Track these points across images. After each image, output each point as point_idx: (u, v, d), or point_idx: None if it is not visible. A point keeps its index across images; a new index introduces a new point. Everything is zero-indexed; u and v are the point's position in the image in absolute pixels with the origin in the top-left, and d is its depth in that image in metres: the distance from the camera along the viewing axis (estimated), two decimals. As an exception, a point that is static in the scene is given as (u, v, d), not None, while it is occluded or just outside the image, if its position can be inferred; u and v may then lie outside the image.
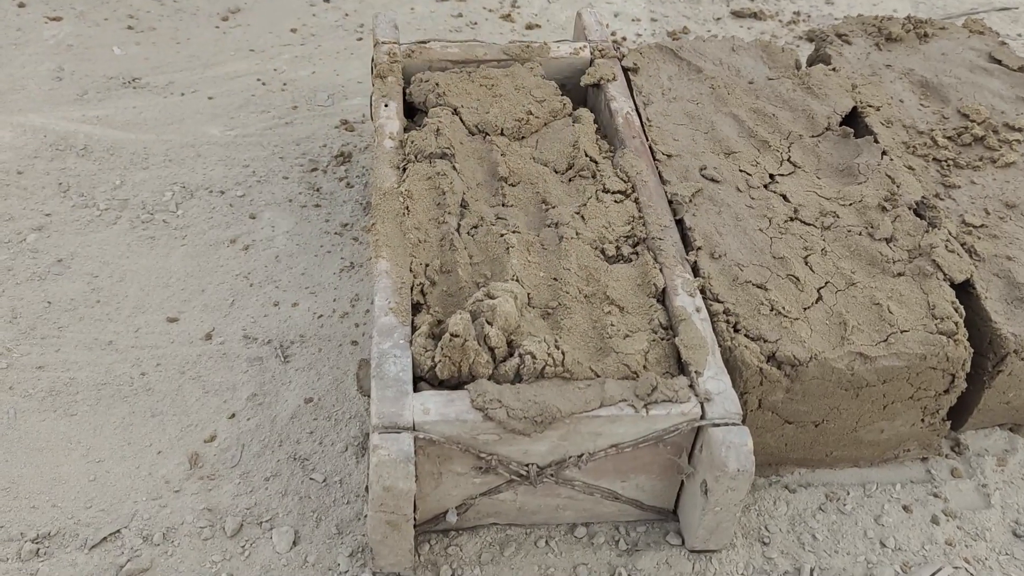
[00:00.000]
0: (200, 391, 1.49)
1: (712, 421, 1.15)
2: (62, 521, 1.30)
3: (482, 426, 1.12)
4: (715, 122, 1.66)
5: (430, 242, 1.39)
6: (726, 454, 1.13)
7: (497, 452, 1.15)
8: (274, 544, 1.29)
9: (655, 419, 1.15)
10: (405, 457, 1.08)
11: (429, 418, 1.12)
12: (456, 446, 1.13)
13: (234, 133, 2.00)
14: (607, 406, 1.14)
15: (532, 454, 1.16)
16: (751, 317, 1.31)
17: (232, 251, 1.73)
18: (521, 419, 1.12)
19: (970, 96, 1.75)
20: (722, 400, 1.17)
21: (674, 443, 1.18)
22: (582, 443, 1.16)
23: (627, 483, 1.23)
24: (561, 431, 1.14)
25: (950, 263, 1.40)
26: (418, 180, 1.48)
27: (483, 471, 1.17)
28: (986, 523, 1.36)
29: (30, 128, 1.98)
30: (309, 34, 2.33)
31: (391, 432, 1.10)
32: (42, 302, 1.62)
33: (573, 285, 1.32)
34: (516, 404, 1.12)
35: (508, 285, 1.26)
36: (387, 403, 1.13)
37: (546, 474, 1.18)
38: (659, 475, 1.23)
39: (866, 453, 1.41)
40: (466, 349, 1.16)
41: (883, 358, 1.29)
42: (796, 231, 1.46)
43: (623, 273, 1.35)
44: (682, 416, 1.15)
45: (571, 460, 1.17)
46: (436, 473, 1.17)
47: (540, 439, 1.14)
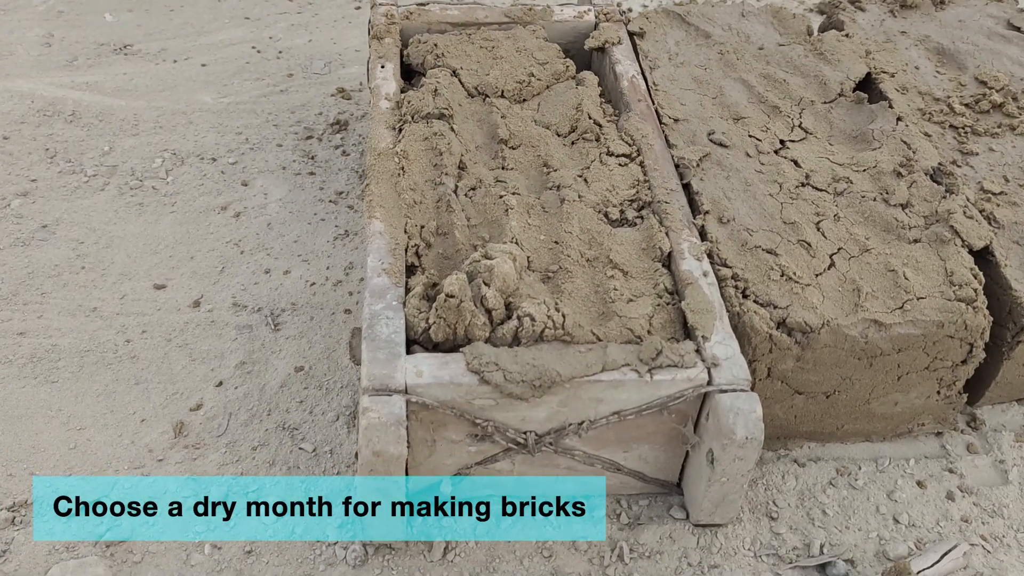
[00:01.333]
0: (187, 359, 1.43)
1: (719, 387, 1.10)
2: (39, 490, 1.25)
3: (478, 390, 1.07)
4: (724, 87, 1.60)
5: (426, 203, 1.34)
6: (734, 421, 1.07)
7: (494, 418, 1.10)
8: (260, 515, 1.23)
9: (659, 384, 1.09)
10: (396, 420, 1.03)
11: (422, 381, 1.06)
12: (450, 411, 1.07)
13: (227, 100, 1.95)
14: (609, 371, 1.08)
15: (530, 421, 1.11)
16: (760, 282, 1.25)
17: (223, 218, 1.68)
18: (519, 383, 1.06)
19: (988, 63, 1.69)
20: (730, 365, 1.11)
21: (679, 410, 1.13)
22: (583, 410, 1.11)
23: (630, 453, 1.18)
24: (561, 396, 1.08)
25: (968, 229, 1.35)
26: (414, 141, 1.43)
27: (479, 439, 1.12)
28: (1004, 500, 1.30)
29: (17, 94, 1.92)
30: (306, 2, 2.27)
31: (382, 395, 1.05)
32: (25, 268, 1.56)
33: (575, 248, 1.26)
34: (514, 367, 1.07)
35: (507, 247, 1.20)
36: (378, 365, 1.08)
37: (545, 442, 1.12)
38: (663, 445, 1.17)
39: (879, 427, 1.35)
40: (462, 310, 1.10)
41: (898, 325, 1.23)
42: (808, 196, 1.40)
43: (627, 237, 1.30)
44: (688, 382, 1.10)
45: (571, 428, 1.11)
46: (429, 440, 1.11)
47: (538, 405, 1.09)
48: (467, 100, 1.55)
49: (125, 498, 1.24)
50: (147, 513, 1.23)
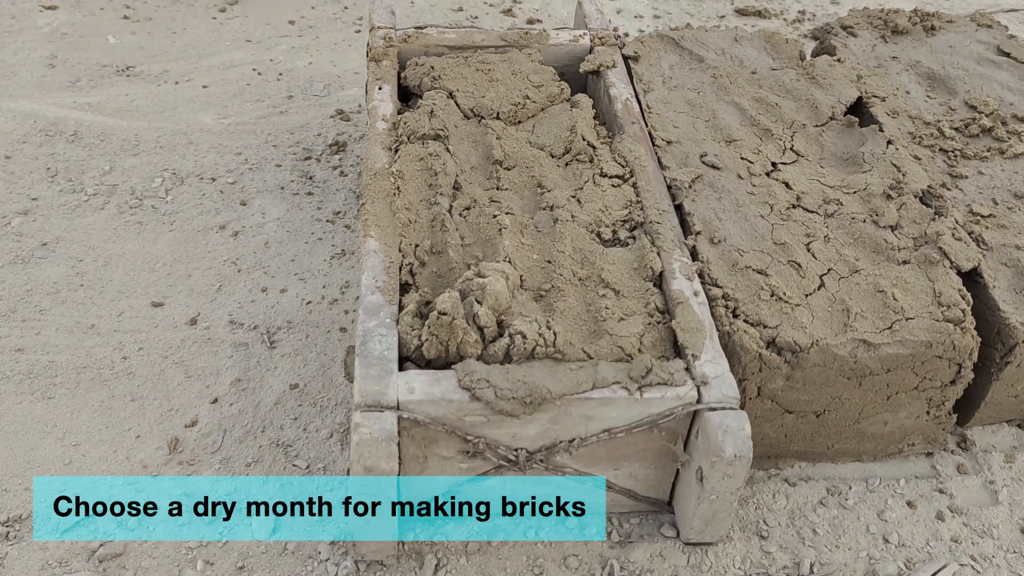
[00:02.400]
0: (183, 376, 1.44)
1: (709, 405, 1.11)
2: (35, 504, 1.26)
3: (469, 407, 1.08)
4: (716, 110, 1.62)
5: (421, 223, 1.35)
6: (723, 439, 1.08)
7: (485, 435, 1.11)
8: (253, 531, 1.24)
9: (649, 402, 1.10)
10: (387, 436, 1.04)
11: (414, 397, 1.07)
12: (442, 427, 1.08)
13: (227, 121, 1.97)
14: (599, 388, 1.09)
15: (521, 438, 1.12)
16: (751, 302, 1.26)
17: (221, 237, 1.69)
18: (509, 399, 1.07)
19: (978, 88, 1.71)
20: (719, 384, 1.12)
21: (669, 428, 1.13)
22: (573, 427, 1.12)
23: (620, 471, 1.19)
24: (551, 413, 1.09)
25: (957, 251, 1.36)
26: (410, 161, 1.44)
27: (470, 455, 1.12)
28: (993, 520, 1.31)
29: (20, 113, 1.95)
30: (307, 26, 2.30)
31: (374, 411, 1.06)
32: (24, 285, 1.58)
33: (567, 268, 1.27)
34: (505, 384, 1.08)
35: (499, 265, 1.21)
36: (371, 381, 1.09)
37: (536, 459, 1.13)
38: (654, 463, 1.18)
39: (869, 447, 1.36)
40: (454, 328, 1.12)
41: (887, 345, 1.24)
42: (798, 218, 1.42)
43: (619, 257, 1.31)
44: (677, 400, 1.11)
45: (562, 445, 1.12)
46: (421, 457, 1.12)
47: (529, 422, 1.09)
48: (463, 121, 1.57)
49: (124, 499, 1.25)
50: (141, 528, 1.24)
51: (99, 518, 1.25)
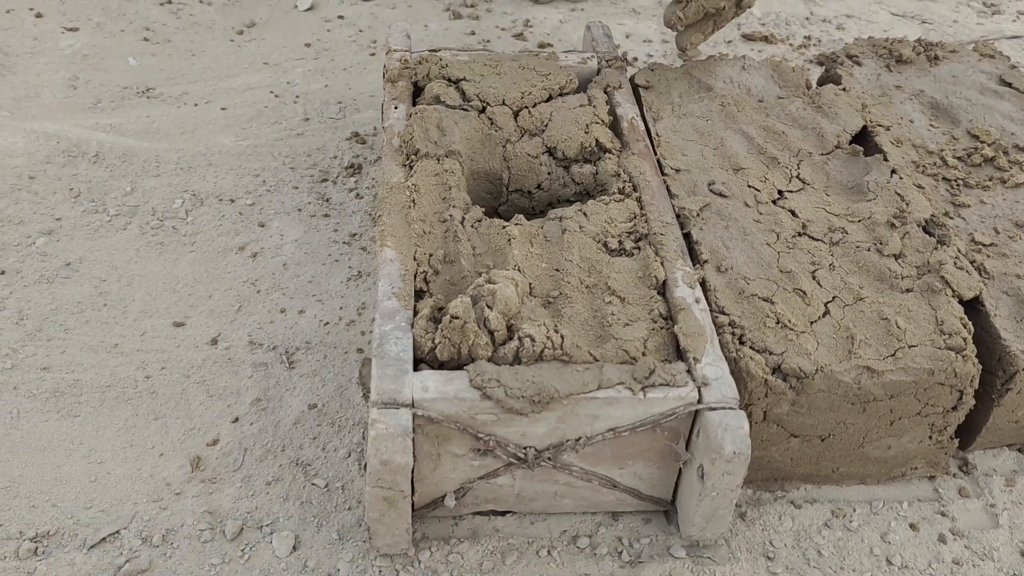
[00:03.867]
0: (204, 395, 1.48)
1: (709, 405, 1.16)
2: (61, 521, 1.30)
3: (480, 405, 1.13)
4: (724, 138, 1.66)
5: (434, 234, 1.41)
6: (722, 437, 1.13)
7: (495, 433, 1.15)
8: (274, 548, 1.28)
9: (652, 402, 1.15)
10: (403, 431, 1.09)
11: (428, 395, 1.13)
12: (454, 425, 1.13)
13: (246, 143, 2.01)
14: (605, 388, 1.14)
15: (530, 436, 1.17)
16: (757, 329, 1.30)
17: (240, 258, 1.73)
18: (519, 398, 1.12)
19: (980, 118, 1.75)
20: (719, 385, 1.18)
21: (671, 428, 1.18)
22: (580, 426, 1.17)
23: (625, 470, 1.23)
24: (559, 412, 1.14)
25: (959, 280, 1.40)
26: (425, 176, 1.50)
27: (481, 453, 1.17)
28: (994, 543, 1.34)
29: (43, 134, 1.99)
30: (323, 49, 2.34)
31: (390, 408, 1.11)
32: (49, 304, 1.62)
33: (575, 276, 1.33)
34: (514, 384, 1.13)
35: (509, 272, 1.27)
36: (387, 380, 1.14)
37: (544, 457, 1.18)
38: (657, 463, 1.23)
39: (873, 470, 1.40)
40: (466, 331, 1.17)
41: (890, 372, 1.28)
42: (804, 246, 1.45)
43: (624, 266, 1.37)
44: (679, 400, 1.16)
45: (569, 443, 1.17)
46: (435, 454, 1.17)
47: (538, 420, 1.14)
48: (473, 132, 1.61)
49: (144, 530, 1.29)
50: (165, 545, 1.27)
51: (124, 535, 1.29)
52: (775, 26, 2.51)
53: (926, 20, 2.57)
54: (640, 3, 2.55)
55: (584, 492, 1.24)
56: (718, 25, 1.97)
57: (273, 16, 2.46)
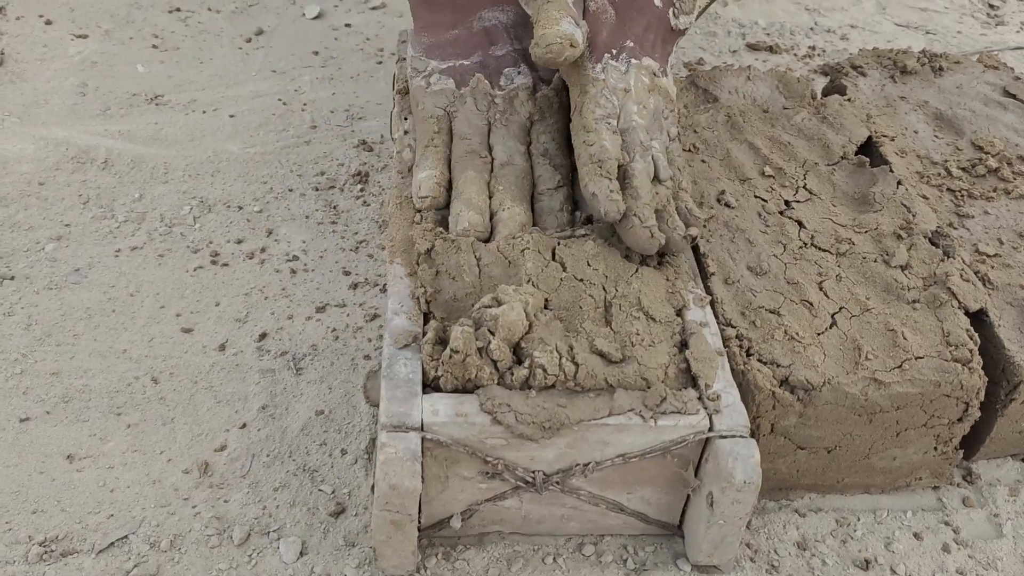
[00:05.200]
0: (212, 401, 1.49)
1: (720, 433, 1.15)
2: (70, 526, 1.30)
3: (490, 429, 1.12)
4: (730, 149, 1.67)
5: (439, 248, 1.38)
6: (733, 465, 1.13)
7: (504, 457, 1.15)
8: (281, 554, 1.28)
9: (663, 430, 1.15)
10: (412, 456, 1.09)
11: (438, 419, 1.12)
12: (463, 449, 1.13)
13: (253, 151, 2.03)
14: (615, 415, 1.14)
15: (539, 460, 1.16)
16: (764, 342, 1.31)
17: (248, 265, 1.74)
18: (529, 424, 1.12)
19: (984, 128, 1.76)
20: (730, 412, 1.17)
21: (681, 455, 1.18)
22: (589, 451, 1.16)
23: (633, 495, 1.23)
24: (568, 438, 1.14)
25: (964, 291, 1.41)
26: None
27: (489, 476, 1.17)
28: (998, 553, 1.35)
29: (52, 141, 2.01)
30: (330, 57, 2.36)
31: (399, 431, 1.11)
32: (58, 310, 1.63)
33: (597, 286, 1.29)
34: (525, 409, 1.12)
35: (519, 289, 1.23)
36: (396, 403, 1.14)
37: (552, 482, 1.18)
38: (665, 488, 1.23)
39: (878, 480, 1.40)
40: (467, 365, 1.15)
41: (897, 384, 1.29)
42: (811, 257, 1.46)
43: (651, 278, 1.32)
44: (690, 428, 1.15)
45: (577, 468, 1.17)
46: (443, 476, 1.17)
47: (547, 445, 1.14)
48: None
49: (152, 535, 1.29)
50: (173, 550, 1.28)
51: (132, 540, 1.30)
52: (780, 36, 2.53)
53: (930, 31, 2.58)
54: (646, 13, 2.56)
55: (591, 515, 1.24)
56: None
57: (281, 24, 2.48)
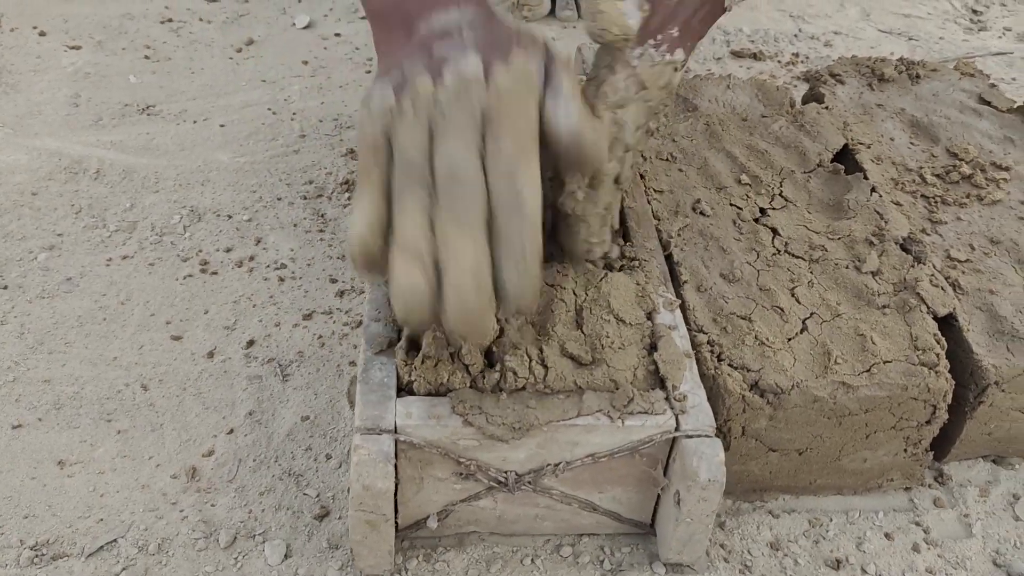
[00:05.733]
0: (200, 407, 1.53)
1: (686, 433, 1.19)
2: (60, 530, 1.34)
3: (462, 431, 1.16)
4: (708, 158, 1.70)
5: None
6: (698, 464, 1.16)
7: (477, 458, 1.19)
8: (266, 556, 1.32)
9: (631, 430, 1.18)
10: (384, 458, 1.12)
11: (411, 422, 1.16)
12: (436, 450, 1.16)
13: (243, 160, 2.06)
14: (584, 415, 1.17)
15: (511, 461, 1.20)
16: (735, 347, 1.34)
17: (237, 273, 1.78)
18: (500, 426, 1.15)
19: (959, 135, 1.80)
20: (696, 412, 1.21)
21: (649, 454, 1.22)
22: (559, 452, 1.20)
23: (604, 494, 1.26)
24: (538, 439, 1.17)
25: (933, 297, 1.44)
26: None
27: (463, 477, 1.20)
28: (967, 552, 1.38)
29: (45, 151, 2.04)
30: (319, 66, 2.39)
31: (373, 434, 1.14)
32: (51, 319, 1.66)
33: (568, 290, 1.32)
34: (495, 411, 1.16)
35: None
36: (371, 406, 1.17)
37: (524, 482, 1.21)
38: (636, 487, 1.26)
39: (850, 481, 1.44)
40: (439, 370, 1.19)
41: (865, 387, 1.32)
42: (784, 264, 1.50)
43: (621, 282, 1.36)
44: (656, 427, 1.19)
45: (548, 468, 1.20)
46: (418, 478, 1.20)
47: (518, 446, 1.17)
48: None
49: (140, 539, 1.33)
50: (161, 553, 1.32)
51: (121, 543, 1.33)
52: (764, 43, 2.56)
53: (912, 37, 2.62)
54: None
55: (564, 515, 1.28)
56: None
57: (271, 34, 2.51)
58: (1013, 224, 1.61)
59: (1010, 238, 1.58)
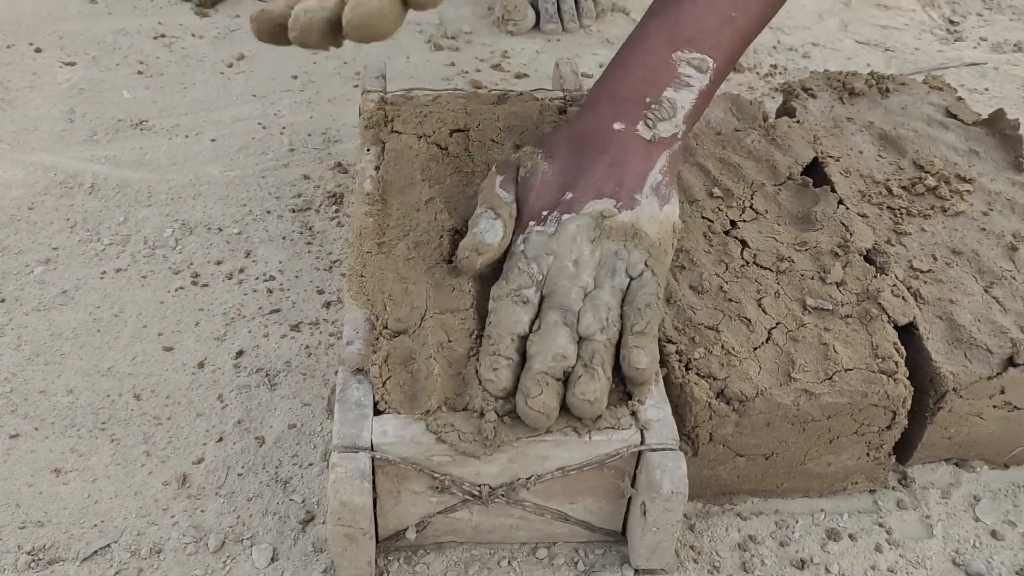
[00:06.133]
0: (191, 416, 1.58)
1: (650, 446, 1.24)
2: (56, 535, 1.40)
3: (436, 448, 1.21)
4: (681, 172, 1.76)
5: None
6: (661, 477, 1.22)
7: (451, 472, 1.24)
8: (253, 560, 1.38)
9: (598, 444, 1.24)
10: (361, 475, 1.18)
11: (387, 439, 1.21)
12: (412, 466, 1.22)
13: (233, 174, 2.12)
14: (553, 431, 1.23)
15: (484, 475, 1.25)
16: (702, 357, 1.40)
17: (227, 285, 1.84)
18: (471, 442, 1.21)
19: (926, 148, 1.86)
20: (660, 427, 1.26)
21: (616, 467, 1.27)
22: (530, 466, 1.25)
23: (576, 505, 1.32)
24: (510, 454, 1.23)
25: (895, 307, 1.50)
26: None
27: (439, 491, 1.26)
28: (927, 552, 1.44)
29: (41, 167, 2.10)
30: (308, 80, 2.45)
31: (350, 451, 1.20)
32: (47, 330, 1.72)
33: None
34: (467, 428, 1.21)
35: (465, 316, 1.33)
36: (348, 425, 1.23)
37: (497, 494, 1.27)
38: (606, 498, 1.32)
39: (815, 484, 1.49)
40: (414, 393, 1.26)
41: (827, 395, 1.38)
42: (752, 275, 1.55)
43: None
44: (623, 442, 1.24)
45: (520, 482, 1.26)
46: (395, 491, 1.26)
47: (490, 461, 1.23)
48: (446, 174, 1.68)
49: (133, 544, 1.39)
50: (153, 557, 1.37)
51: (115, 548, 1.39)
52: (743, 55, 2.61)
53: (889, 48, 2.67)
54: (614, 33, 2.65)
55: (538, 525, 1.33)
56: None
57: (261, 48, 2.57)
58: (975, 235, 1.67)
59: (972, 249, 1.64)
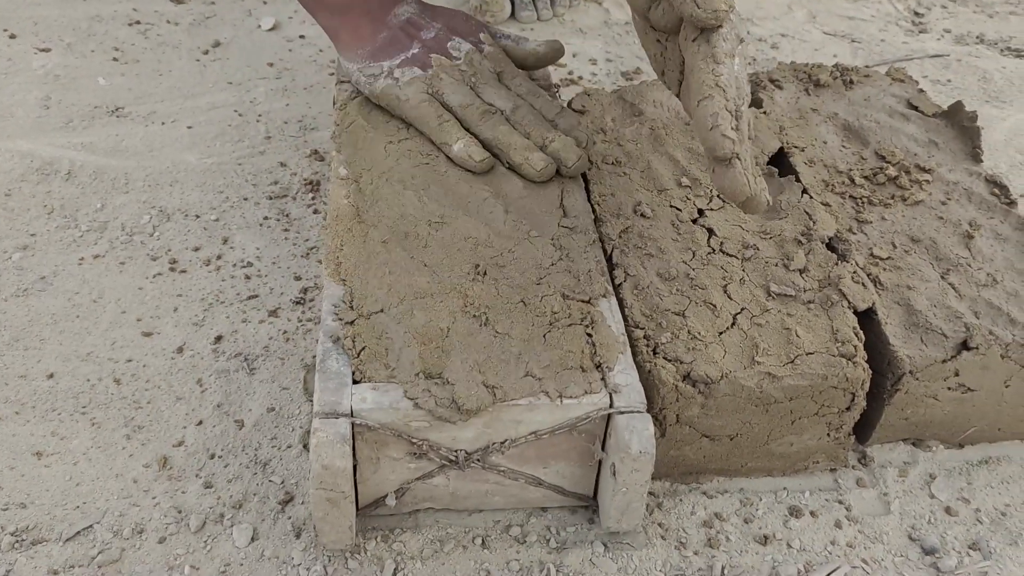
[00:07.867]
0: (171, 400, 1.61)
1: (619, 409, 1.30)
2: (39, 517, 1.43)
3: (413, 413, 1.26)
4: (651, 161, 1.81)
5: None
6: (629, 438, 1.27)
7: (428, 438, 1.29)
8: (234, 539, 1.41)
9: (569, 408, 1.30)
10: (341, 438, 1.22)
11: (366, 406, 1.26)
12: (390, 432, 1.26)
13: (210, 161, 2.14)
14: (526, 396, 1.28)
15: (460, 440, 1.30)
16: (669, 342, 1.45)
17: (205, 271, 1.86)
18: (447, 407, 1.25)
19: (887, 139, 1.91)
20: (628, 391, 1.32)
21: (587, 431, 1.33)
22: (504, 430, 1.30)
23: (548, 469, 1.37)
24: (485, 419, 1.28)
25: (855, 293, 1.55)
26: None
27: (417, 456, 1.31)
28: (884, 528, 1.50)
29: (18, 153, 2.11)
30: (284, 68, 2.47)
31: (330, 418, 1.24)
32: (26, 316, 1.74)
33: (516, 285, 1.44)
34: (443, 394, 1.26)
35: None
36: (328, 393, 1.27)
37: (473, 459, 1.32)
38: (578, 462, 1.37)
39: (779, 464, 1.55)
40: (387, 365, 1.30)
41: (789, 377, 1.43)
42: (718, 262, 1.60)
43: (559, 281, 1.47)
44: (592, 405, 1.30)
45: (494, 446, 1.31)
46: (374, 458, 1.30)
47: (466, 426, 1.28)
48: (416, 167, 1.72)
49: (115, 525, 1.42)
50: (135, 537, 1.41)
51: (97, 529, 1.42)
52: (713, 46, 2.66)
53: (855, 39, 2.73)
54: (587, 23, 2.69)
55: (512, 490, 1.38)
56: None
57: (237, 36, 2.58)
58: (933, 224, 1.73)
59: (929, 237, 1.70)
